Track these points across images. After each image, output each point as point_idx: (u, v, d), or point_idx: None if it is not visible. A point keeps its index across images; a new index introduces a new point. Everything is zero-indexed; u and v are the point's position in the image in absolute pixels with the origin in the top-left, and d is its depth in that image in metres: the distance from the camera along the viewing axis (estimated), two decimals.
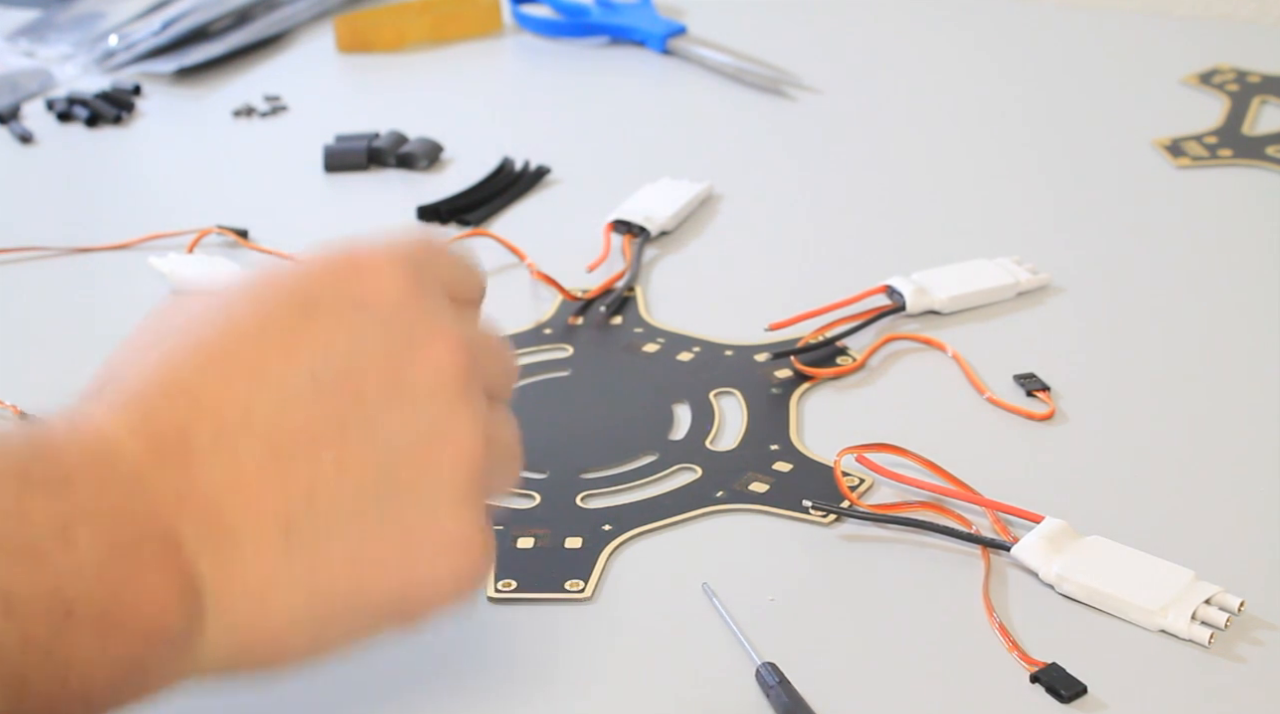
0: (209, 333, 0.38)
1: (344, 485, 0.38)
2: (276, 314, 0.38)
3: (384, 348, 0.38)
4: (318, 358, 0.38)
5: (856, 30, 1.06)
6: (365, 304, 0.39)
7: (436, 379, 0.39)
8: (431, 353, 0.39)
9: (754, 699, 0.50)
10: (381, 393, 0.38)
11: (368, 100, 1.00)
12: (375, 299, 0.39)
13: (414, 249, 0.41)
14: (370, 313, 0.39)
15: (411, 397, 0.38)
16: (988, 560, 0.54)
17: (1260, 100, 0.89)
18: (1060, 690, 0.49)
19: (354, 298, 0.39)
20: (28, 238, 0.81)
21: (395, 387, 0.38)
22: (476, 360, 0.40)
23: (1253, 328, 0.69)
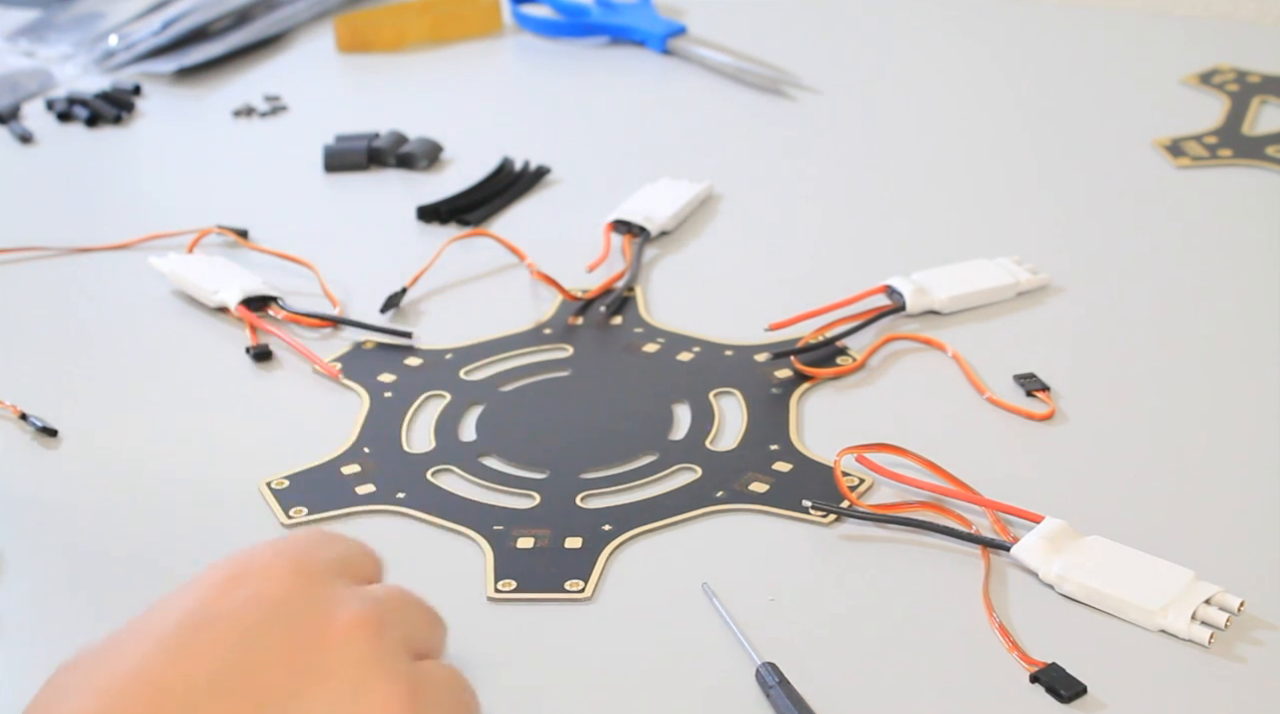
0: (110, 682, 0.39)
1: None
2: (168, 641, 0.39)
3: (284, 640, 0.39)
4: (216, 666, 0.38)
5: (856, 30, 1.06)
6: (257, 603, 0.40)
7: (342, 656, 0.39)
8: (333, 632, 0.40)
9: (754, 699, 0.50)
10: (290, 683, 0.39)
11: (367, 100, 1.00)
12: (267, 596, 0.40)
13: (299, 543, 0.43)
14: (263, 611, 0.40)
15: (322, 678, 0.39)
16: (987, 560, 0.54)
17: (1260, 100, 0.89)
18: (1060, 690, 0.49)
19: (244, 601, 0.40)
20: (28, 238, 0.81)
21: (303, 674, 0.39)
22: (385, 623, 0.41)
23: (1253, 328, 0.69)
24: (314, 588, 0.41)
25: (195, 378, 0.70)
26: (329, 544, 0.43)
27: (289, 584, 0.41)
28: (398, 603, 0.43)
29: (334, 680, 0.39)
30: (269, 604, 0.40)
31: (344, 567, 0.43)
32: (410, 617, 0.43)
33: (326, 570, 0.42)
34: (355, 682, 0.39)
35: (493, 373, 0.68)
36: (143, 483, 0.63)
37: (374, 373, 0.68)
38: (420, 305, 0.74)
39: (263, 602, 0.40)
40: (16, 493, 0.63)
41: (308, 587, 0.41)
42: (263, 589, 0.40)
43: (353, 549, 0.44)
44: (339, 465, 0.62)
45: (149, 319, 0.75)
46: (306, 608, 0.40)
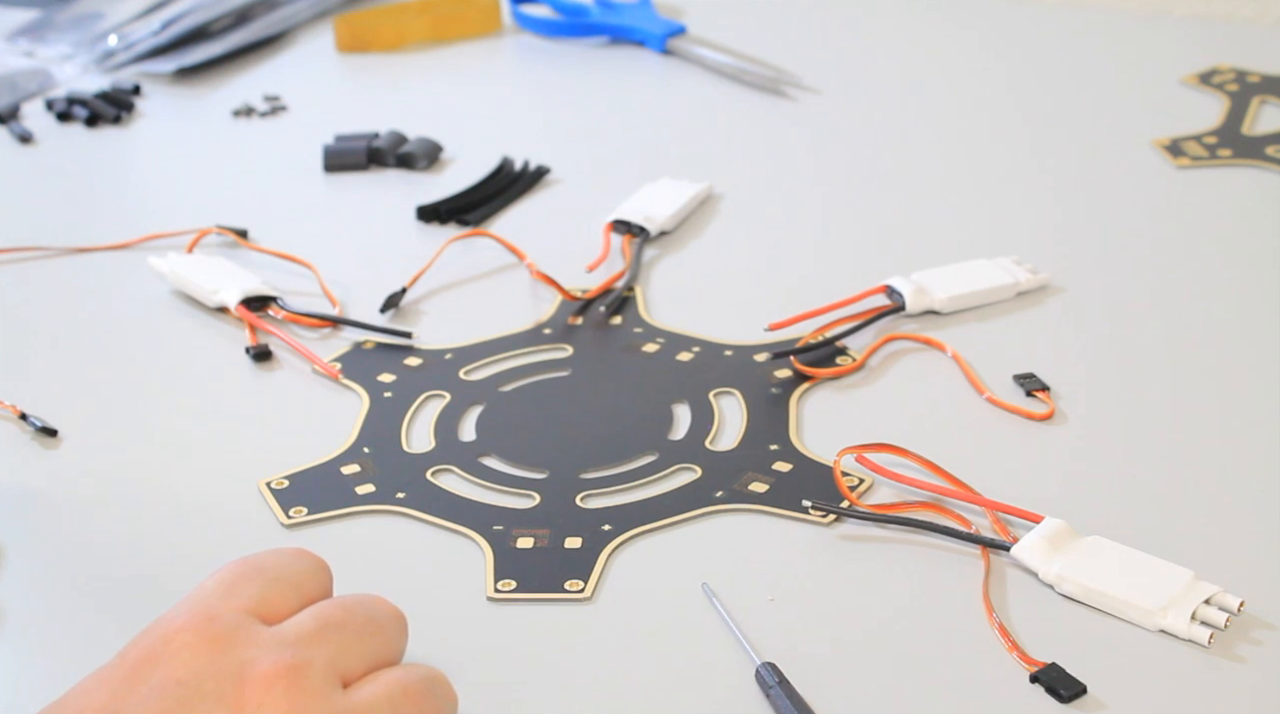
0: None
1: None
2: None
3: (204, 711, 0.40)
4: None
5: (856, 30, 1.06)
6: (168, 690, 0.40)
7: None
8: (247, 697, 0.40)
9: (753, 699, 0.50)
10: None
11: (367, 100, 1.00)
12: (176, 678, 0.40)
13: (210, 599, 0.43)
14: (174, 697, 0.40)
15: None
16: (987, 560, 0.54)
17: (1260, 100, 0.89)
18: (1060, 690, 0.49)
19: (154, 689, 0.40)
20: (28, 238, 0.81)
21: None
22: (304, 666, 0.41)
23: (1252, 327, 0.69)
24: (224, 654, 0.41)
25: (195, 378, 0.70)
26: (246, 583, 0.43)
27: (198, 659, 0.41)
28: (325, 630, 0.42)
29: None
30: (179, 690, 0.40)
31: (264, 605, 0.43)
32: (343, 640, 0.42)
33: (238, 625, 0.42)
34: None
35: (492, 373, 0.68)
36: (142, 482, 0.63)
37: (374, 373, 0.68)
38: (420, 305, 0.74)
39: (173, 687, 0.40)
40: (17, 492, 0.63)
41: (217, 654, 0.41)
42: (172, 671, 0.40)
43: (276, 579, 0.44)
44: (339, 465, 0.62)
45: (149, 319, 0.75)
46: (216, 682, 0.40)
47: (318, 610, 0.43)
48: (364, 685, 0.42)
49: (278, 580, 0.44)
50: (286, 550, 0.45)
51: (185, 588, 0.56)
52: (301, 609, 0.43)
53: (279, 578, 0.44)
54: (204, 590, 0.43)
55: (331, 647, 0.42)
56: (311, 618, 0.43)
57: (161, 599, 0.56)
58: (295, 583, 0.44)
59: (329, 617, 0.43)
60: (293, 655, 0.41)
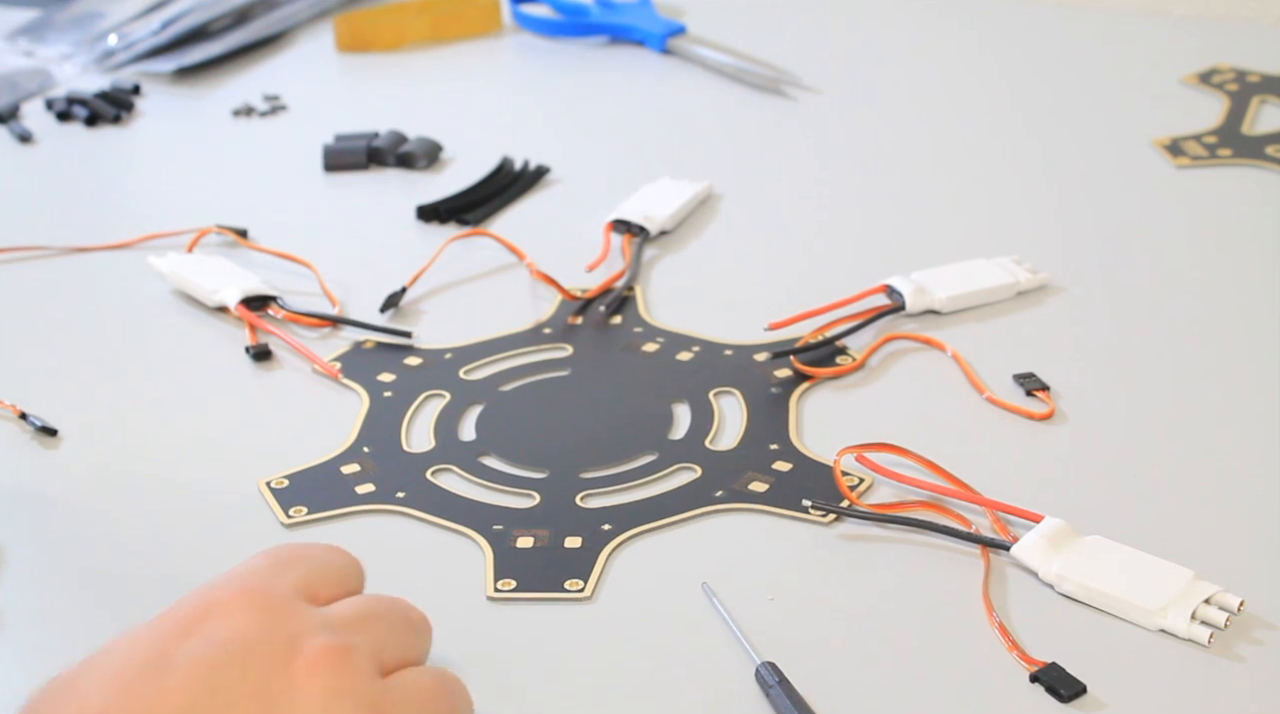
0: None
1: None
2: (130, 687, 0.39)
3: (245, 683, 0.39)
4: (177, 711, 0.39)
5: (856, 30, 1.06)
6: (218, 647, 0.40)
7: (307, 692, 0.40)
8: (296, 670, 0.40)
9: (753, 699, 0.50)
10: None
11: (367, 100, 1.00)
12: (228, 638, 0.40)
13: (262, 573, 0.43)
14: (224, 654, 0.40)
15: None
16: (987, 560, 0.54)
17: (1259, 100, 0.89)
18: (1060, 690, 0.49)
19: (205, 644, 0.40)
20: (27, 237, 0.81)
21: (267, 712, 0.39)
22: (350, 650, 0.41)
23: (1252, 327, 0.69)
24: (276, 624, 0.41)
25: (195, 377, 0.70)
26: (294, 565, 0.43)
27: (251, 623, 0.41)
28: (367, 620, 0.43)
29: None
30: (230, 647, 0.40)
31: (310, 589, 0.43)
32: (381, 631, 0.43)
33: (290, 600, 0.42)
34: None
35: (492, 372, 0.68)
36: (142, 482, 0.63)
37: (373, 372, 0.68)
38: (420, 305, 0.74)
39: (224, 645, 0.40)
40: (17, 492, 0.63)
41: (270, 624, 0.41)
42: (224, 630, 0.40)
43: (321, 566, 0.44)
44: (339, 465, 0.62)
45: (148, 319, 0.75)
46: (268, 648, 0.40)
47: (359, 601, 0.44)
48: (399, 677, 0.42)
49: (323, 568, 0.44)
50: (324, 544, 0.46)
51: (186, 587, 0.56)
52: (342, 599, 0.44)
53: (323, 566, 0.44)
54: (253, 565, 0.43)
55: (373, 636, 0.42)
56: (354, 607, 0.43)
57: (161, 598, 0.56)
58: (337, 574, 0.44)
59: (370, 608, 0.43)
60: (340, 638, 0.41)
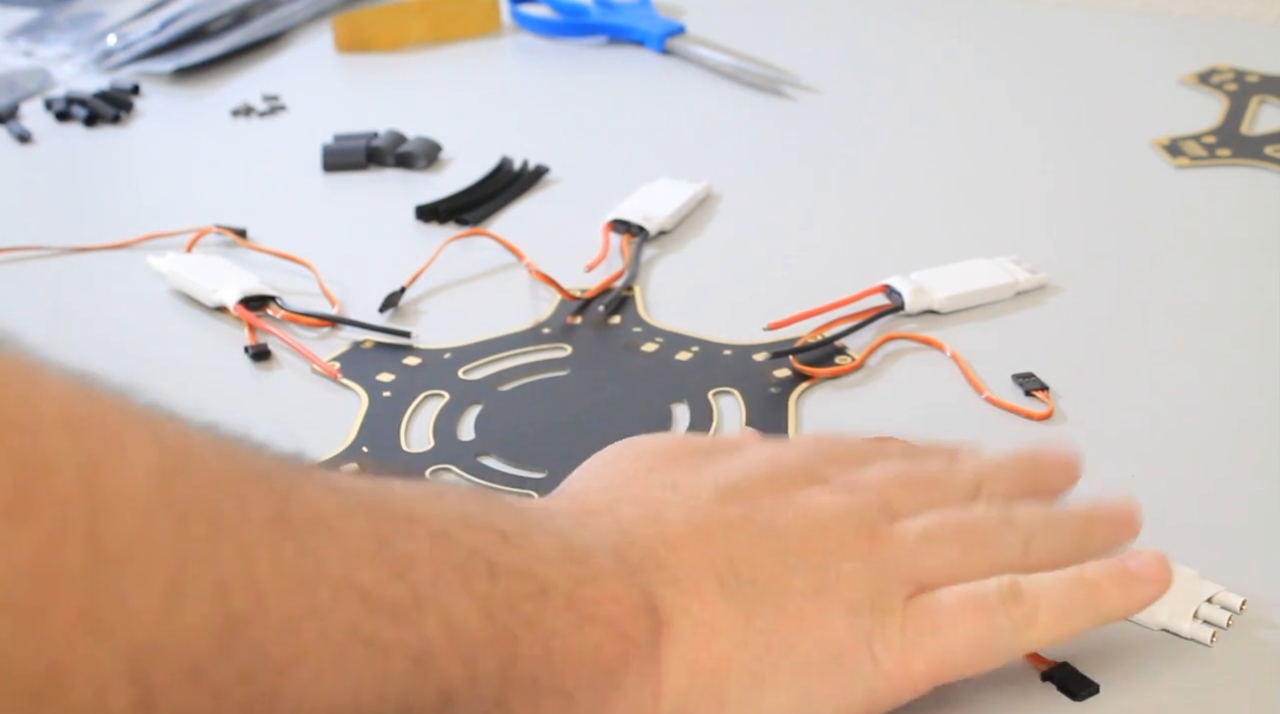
0: (637, 468, 0.50)
1: (754, 558, 0.44)
2: (680, 456, 0.49)
3: (772, 479, 0.47)
4: (719, 476, 0.47)
5: (856, 30, 1.06)
6: (757, 456, 0.49)
7: (815, 517, 0.46)
8: (810, 498, 0.47)
9: None
10: (773, 503, 0.46)
11: (366, 100, 1.00)
12: (764, 456, 0.49)
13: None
14: (759, 459, 0.48)
15: (801, 512, 0.46)
16: None
17: (1259, 100, 0.89)
18: (1073, 689, 0.48)
19: (747, 453, 0.49)
20: (26, 237, 0.81)
21: (785, 503, 0.46)
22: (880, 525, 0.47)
23: (1252, 327, 0.69)
24: (815, 468, 0.49)
25: (193, 377, 0.70)
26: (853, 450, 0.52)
27: (795, 461, 0.50)
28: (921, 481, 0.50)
29: (805, 522, 0.46)
30: (762, 459, 0.49)
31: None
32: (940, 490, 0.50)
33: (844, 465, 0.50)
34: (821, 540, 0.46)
35: (491, 372, 0.68)
36: None
37: (373, 372, 0.68)
38: (419, 305, 0.74)
39: (762, 456, 0.49)
40: None
41: (814, 465, 0.49)
42: (769, 455, 0.50)
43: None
44: (337, 465, 0.62)
45: (147, 318, 0.75)
46: (797, 474, 0.48)
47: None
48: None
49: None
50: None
51: None
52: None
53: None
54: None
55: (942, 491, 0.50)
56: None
57: None
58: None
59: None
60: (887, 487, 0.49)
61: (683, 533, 0.44)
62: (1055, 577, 0.46)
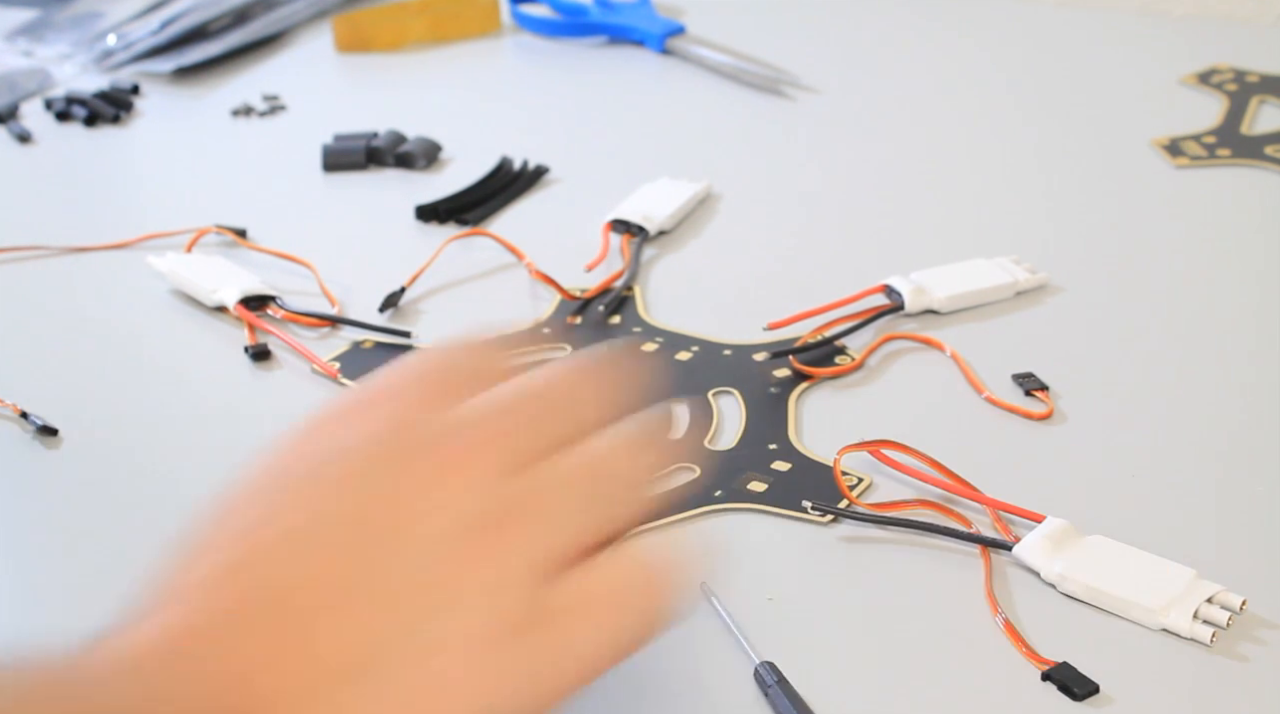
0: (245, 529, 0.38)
1: (352, 640, 0.36)
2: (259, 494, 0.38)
3: (393, 486, 0.37)
4: (314, 518, 0.37)
5: (856, 30, 1.06)
6: (357, 454, 0.38)
7: (446, 517, 0.37)
8: (441, 483, 0.37)
9: (752, 698, 0.50)
10: (389, 535, 0.37)
11: (366, 100, 1.00)
12: (369, 438, 0.38)
13: (422, 370, 0.41)
14: (367, 457, 0.38)
15: (419, 538, 0.37)
16: (988, 560, 0.54)
17: (1259, 100, 0.89)
18: (1073, 689, 0.48)
19: (345, 452, 0.38)
20: (26, 237, 0.81)
21: (398, 532, 0.37)
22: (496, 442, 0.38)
23: (1252, 327, 0.69)
24: (423, 429, 0.39)
25: (194, 377, 0.70)
26: (455, 361, 0.42)
27: (396, 428, 0.39)
28: (537, 428, 0.40)
29: (423, 550, 0.36)
30: (374, 452, 0.38)
31: (484, 378, 0.41)
32: (552, 424, 0.40)
33: (451, 398, 0.40)
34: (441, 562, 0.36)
35: None
36: (141, 482, 0.63)
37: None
38: (419, 305, 0.74)
39: (364, 454, 0.38)
40: (16, 491, 0.63)
41: (419, 427, 0.39)
42: (371, 431, 0.39)
43: (486, 356, 0.42)
44: None
45: (147, 318, 0.75)
46: (415, 452, 0.38)
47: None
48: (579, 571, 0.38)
49: (484, 355, 0.42)
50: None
51: None
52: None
53: (487, 356, 0.42)
54: (402, 369, 0.42)
55: (554, 426, 0.39)
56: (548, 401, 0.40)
57: None
58: (495, 365, 0.42)
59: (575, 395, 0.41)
60: (503, 436, 0.38)
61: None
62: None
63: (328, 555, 0.36)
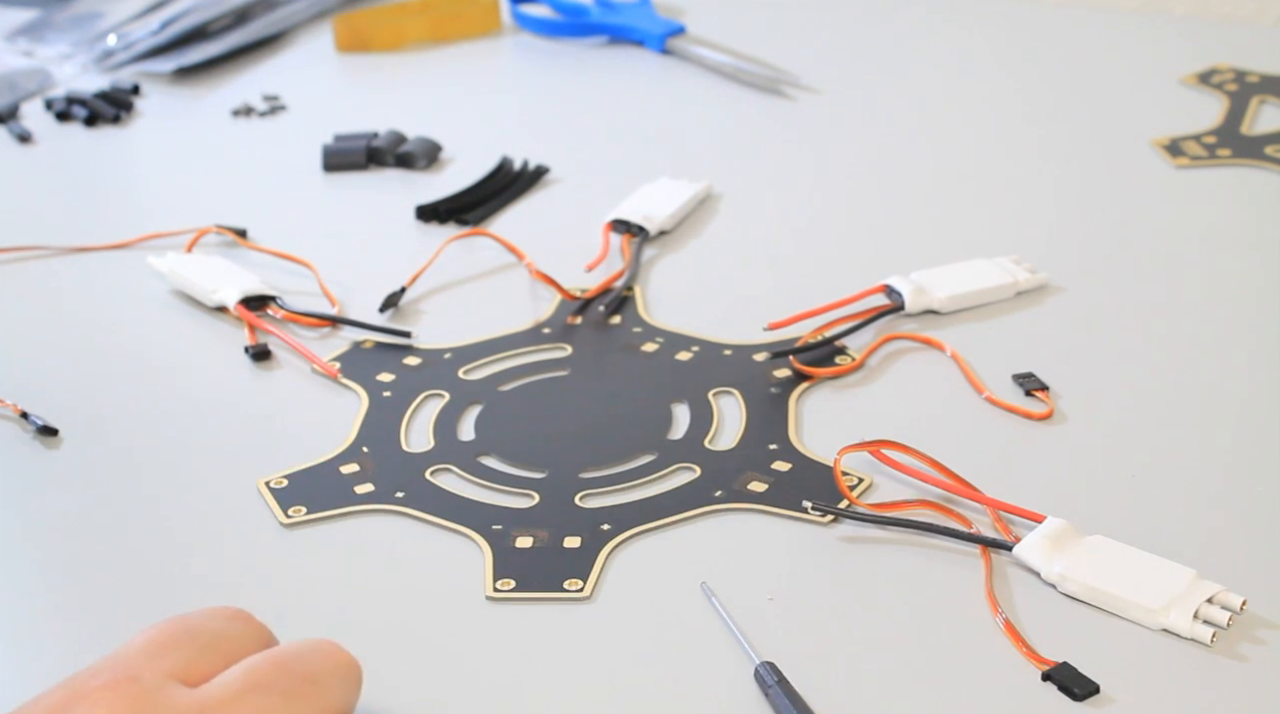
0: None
1: None
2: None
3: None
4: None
5: (856, 30, 1.06)
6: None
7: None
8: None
9: (752, 698, 0.50)
10: None
11: (366, 100, 1.00)
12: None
13: (137, 658, 0.41)
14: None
15: None
16: (988, 560, 0.54)
17: (1259, 100, 0.89)
18: (1074, 689, 0.48)
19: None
20: (26, 237, 0.81)
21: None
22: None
23: (1252, 327, 0.69)
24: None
25: (194, 377, 0.70)
26: (177, 646, 0.41)
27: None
28: (249, 692, 0.40)
29: None
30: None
31: (191, 668, 0.41)
32: (270, 703, 0.40)
33: (161, 687, 0.40)
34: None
35: (491, 372, 0.68)
36: (141, 482, 0.63)
37: (373, 372, 0.68)
38: (419, 305, 0.74)
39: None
40: (16, 491, 0.63)
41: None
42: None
43: (210, 639, 0.42)
44: (337, 465, 0.62)
45: (148, 318, 0.75)
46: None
47: (248, 668, 0.41)
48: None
49: (209, 649, 0.42)
50: (223, 611, 0.44)
51: (184, 587, 0.56)
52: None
53: (211, 645, 0.42)
54: (130, 649, 0.41)
55: (264, 708, 0.40)
56: (240, 677, 0.41)
57: (160, 598, 0.56)
58: (228, 650, 0.42)
59: (259, 677, 0.41)
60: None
61: None
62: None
63: None
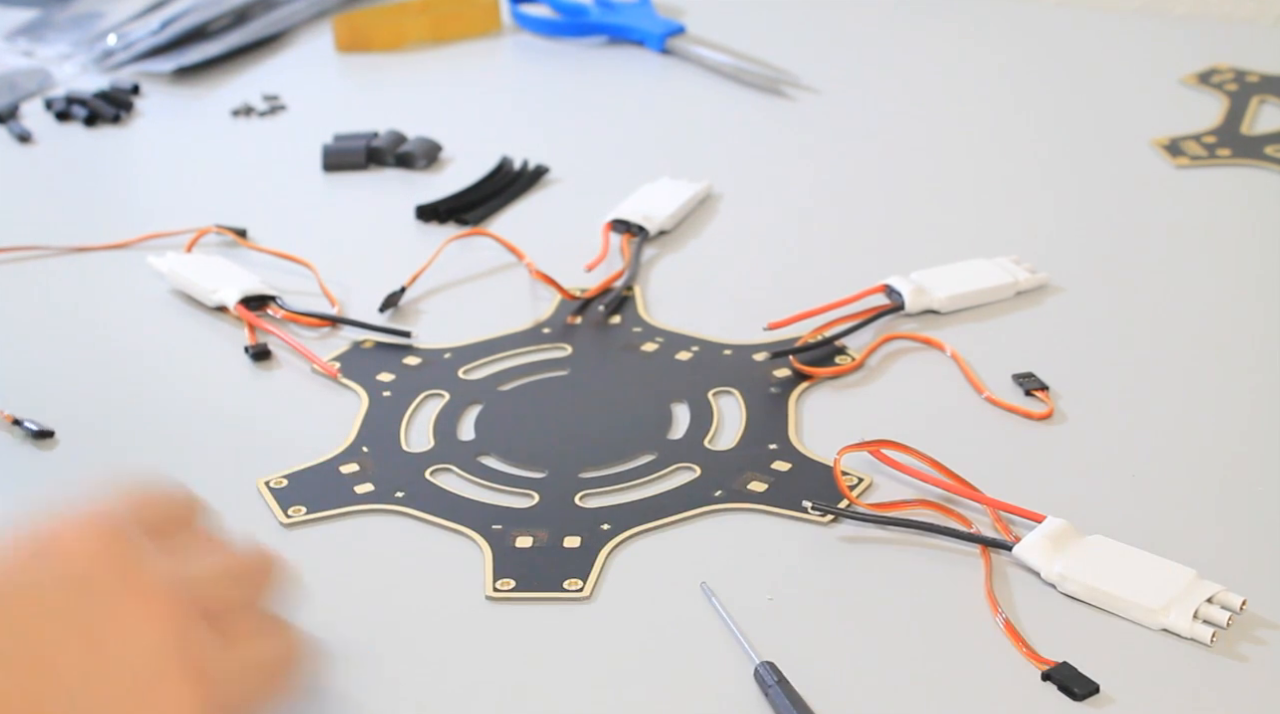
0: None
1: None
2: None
3: (77, 619, 0.38)
4: (4, 642, 0.37)
5: (856, 30, 1.06)
6: (51, 580, 0.38)
7: (138, 645, 0.38)
8: (129, 616, 0.38)
9: (752, 698, 0.50)
10: (79, 665, 0.37)
11: (366, 100, 1.00)
12: (62, 571, 0.38)
13: (105, 507, 0.41)
14: (57, 587, 0.38)
15: (112, 665, 0.37)
16: (988, 560, 0.54)
17: (1259, 100, 0.89)
18: (1073, 689, 0.48)
19: (38, 576, 0.38)
20: (27, 237, 0.81)
21: (93, 657, 0.37)
22: (190, 605, 0.40)
23: (1251, 327, 0.69)
24: (114, 563, 0.39)
25: (194, 377, 0.70)
26: (137, 501, 0.42)
27: (88, 563, 0.39)
28: (211, 570, 0.42)
29: (118, 676, 0.37)
30: (65, 582, 0.38)
31: (162, 522, 0.42)
32: (225, 584, 0.42)
33: (133, 537, 0.40)
34: (138, 684, 0.38)
35: (491, 372, 0.68)
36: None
37: (373, 372, 0.68)
38: (419, 305, 0.74)
39: (56, 580, 0.38)
40: (15, 492, 0.63)
41: (109, 562, 0.39)
42: (59, 565, 0.39)
43: (166, 501, 0.44)
44: (338, 464, 0.62)
45: (148, 318, 0.75)
46: (105, 589, 0.39)
47: (209, 542, 0.43)
48: (241, 638, 0.41)
49: (167, 500, 0.44)
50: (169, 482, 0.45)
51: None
52: (189, 537, 0.43)
53: (168, 501, 0.44)
54: (87, 507, 0.41)
55: (226, 586, 0.42)
56: (211, 553, 0.43)
57: None
58: (181, 510, 0.44)
59: (233, 554, 0.43)
60: (186, 584, 0.40)
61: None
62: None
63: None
